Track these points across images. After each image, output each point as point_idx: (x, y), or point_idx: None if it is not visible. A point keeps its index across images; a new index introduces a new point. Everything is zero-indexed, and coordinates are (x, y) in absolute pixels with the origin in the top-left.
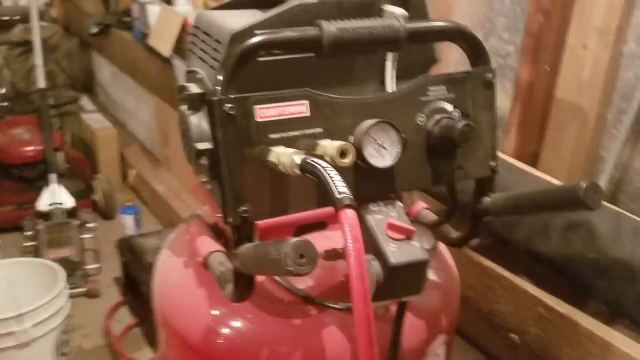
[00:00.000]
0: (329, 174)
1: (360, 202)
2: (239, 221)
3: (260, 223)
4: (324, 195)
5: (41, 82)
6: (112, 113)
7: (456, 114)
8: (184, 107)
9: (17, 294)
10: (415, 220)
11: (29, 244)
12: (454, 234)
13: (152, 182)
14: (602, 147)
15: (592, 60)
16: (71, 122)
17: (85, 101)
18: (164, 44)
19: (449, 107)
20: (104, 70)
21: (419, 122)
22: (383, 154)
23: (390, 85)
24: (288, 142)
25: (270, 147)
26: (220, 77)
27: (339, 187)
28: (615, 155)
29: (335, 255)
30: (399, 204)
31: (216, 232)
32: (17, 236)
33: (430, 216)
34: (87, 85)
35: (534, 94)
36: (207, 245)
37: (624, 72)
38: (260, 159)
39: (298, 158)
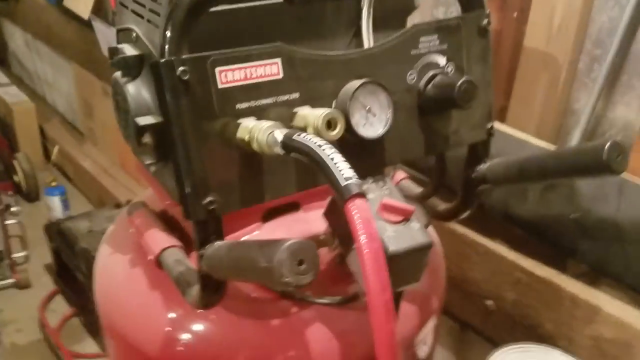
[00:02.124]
0: (327, 154)
1: None
2: (203, 215)
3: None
4: (306, 172)
5: None
6: (28, 85)
7: (450, 68)
8: (117, 74)
9: None
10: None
11: None
12: (441, 206)
13: (77, 158)
14: (574, 99)
15: (563, 4)
16: None
17: None
18: (81, 5)
19: (442, 60)
20: (16, 39)
21: (409, 81)
22: (372, 121)
23: (368, 37)
24: (259, 113)
25: (238, 120)
26: (167, 34)
27: (343, 170)
28: (590, 107)
29: (316, 243)
30: (389, 180)
31: (167, 222)
32: None
33: (413, 188)
34: None
35: (502, 44)
36: (159, 240)
37: (598, 15)
38: (226, 136)
39: (279, 134)
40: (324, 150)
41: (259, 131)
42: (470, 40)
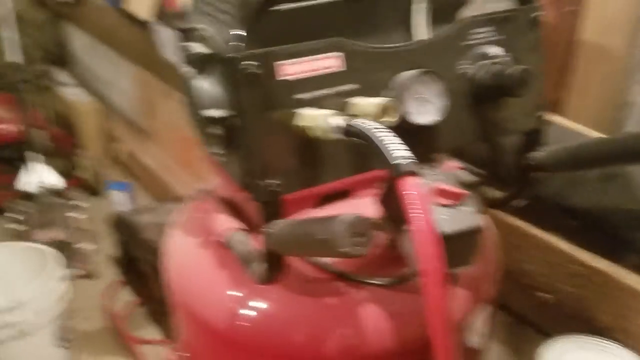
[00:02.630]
0: (382, 136)
1: None
2: (267, 197)
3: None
4: (361, 156)
5: (13, 55)
6: (91, 86)
7: (502, 58)
8: (188, 71)
9: (10, 281)
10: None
11: (15, 227)
12: (495, 194)
13: (140, 156)
14: (630, 92)
15: None
16: (48, 98)
17: (61, 75)
18: (142, 7)
19: (494, 51)
20: (78, 41)
21: (463, 70)
22: (427, 109)
23: (422, 30)
24: (317, 103)
25: (298, 110)
26: (237, 31)
27: (398, 150)
28: None
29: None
30: (443, 166)
31: (231, 208)
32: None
33: (467, 176)
34: (61, 58)
35: (556, 37)
36: (226, 223)
37: None
38: (287, 124)
39: (338, 120)
40: (379, 132)
41: (318, 118)
42: (522, 32)
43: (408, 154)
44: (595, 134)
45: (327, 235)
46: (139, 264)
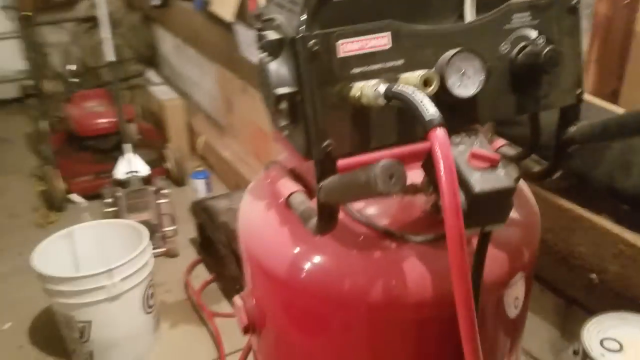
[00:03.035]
0: (417, 97)
1: None
2: (322, 156)
3: (340, 163)
4: (405, 126)
5: (110, 55)
6: (177, 84)
7: (540, 40)
8: (262, 55)
9: (105, 252)
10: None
11: (109, 209)
12: (536, 168)
13: (219, 149)
14: None
15: None
16: (139, 95)
17: (151, 74)
18: (225, 9)
19: (533, 34)
20: (167, 43)
21: (502, 51)
22: (466, 83)
23: (470, 14)
24: (369, 76)
25: (352, 82)
26: (302, 17)
27: (428, 108)
28: None
29: (414, 189)
30: (482, 135)
31: (294, 175)
32: (96, 204)
33: (511, 151)
34: (151, 59)
35: (613, 29)
36: (288, 186)
37: None
38: (342, 95)
39: (382, 87)
40: (414, 94)
41: (367, 87)
42: (561, 17)
43: (437, 111)
44: None
45: (367, 178)
46: (215, 244)
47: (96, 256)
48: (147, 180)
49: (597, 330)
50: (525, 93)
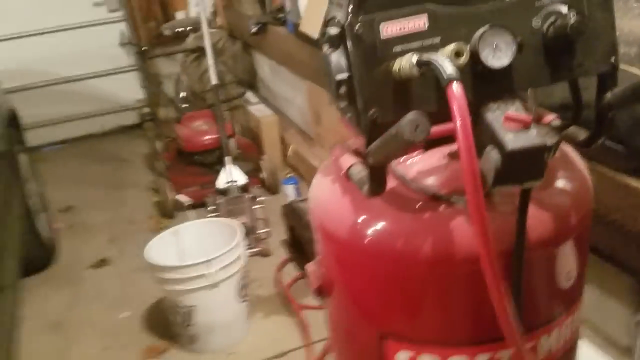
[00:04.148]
0: (438, 59)
1: (481, 102)
2: (369, 123)
3: None
4: (441, 94)
5: (214, 79)
6: (272, 103)
7: (571, 14)
8: (325, 48)
9: (205, 245)
10: (537, 121)
11: (212, 215)
12: (582, 135)
13: (308, 158)
14: None
15: None
16: (239, 114)
17: (249, 95)
18: (313, 27)
19: (564, 9)
20: (264, 66)
21: (534, 26)
22: (499, 55)
23: None
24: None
25: (393, 60)
26: (349, 7)
27: (447, 67)
28: None
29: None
30: (518, 102)
31: (354, 152)
32: (201, 211)
33: (558, 121)
34: (251, 82)
35: None
36: (348, 161)
37: None
38: (386, 70)
39: (415, 57)
40: (437, 58)
41: (404, 61)
42: None
43: (455, 70)
44: None
45: (396, 130)
46: (303, 243)
47: (198, 250)
48: (244, 189)
49: None
50: (559, 63)
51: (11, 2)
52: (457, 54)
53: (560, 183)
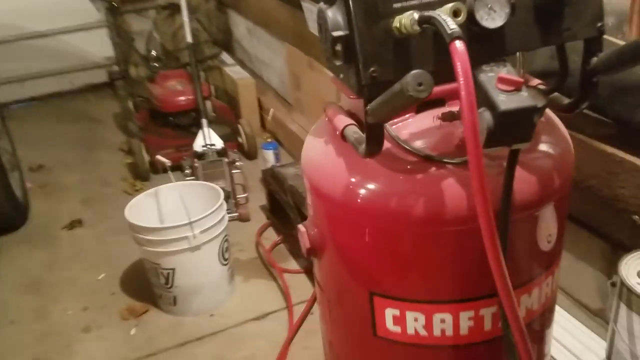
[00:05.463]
0: (441, 16)
1: (474, 64)
2: (369, 81)
3: None
4: (441, 51)
5: (189, 38)
6: (248, 66)
7: None
8: (321, 4)
9: (187, 208)
10: (527, 84)
11: (188, 179)
12: (565, 101)
13: (287, 123)
14: None
15: None
16: (214, 76)
17: (225, 57)
18: None
19: None
20: (240, 27)
21: None
22: (493, 16)
23: None
24: (408, 11)
25: (393, 16)
26: None
27: (450, 24)
28: None
29: (451, 116)
30: (509, 65)
31: (348, 113)
32: (177, 174)
33: (542, 87)
34: (226, 42)
35: None
36: (343, 121)
37: None
38: (385, 27)
39: (416, 14)
40: (439, 15)
41: (404, 18)
42: None
43: (457, 27)
44: None
45: (400, 86)
46: (283, 208)
47: (178, 212)
48: (222, 153)
49: (635, 264)
50: (549, 26)
51: None
52: (455, 13)
53: (544, 147)
